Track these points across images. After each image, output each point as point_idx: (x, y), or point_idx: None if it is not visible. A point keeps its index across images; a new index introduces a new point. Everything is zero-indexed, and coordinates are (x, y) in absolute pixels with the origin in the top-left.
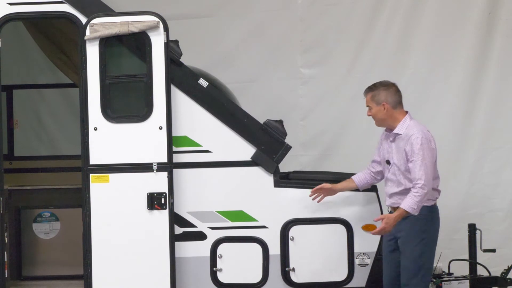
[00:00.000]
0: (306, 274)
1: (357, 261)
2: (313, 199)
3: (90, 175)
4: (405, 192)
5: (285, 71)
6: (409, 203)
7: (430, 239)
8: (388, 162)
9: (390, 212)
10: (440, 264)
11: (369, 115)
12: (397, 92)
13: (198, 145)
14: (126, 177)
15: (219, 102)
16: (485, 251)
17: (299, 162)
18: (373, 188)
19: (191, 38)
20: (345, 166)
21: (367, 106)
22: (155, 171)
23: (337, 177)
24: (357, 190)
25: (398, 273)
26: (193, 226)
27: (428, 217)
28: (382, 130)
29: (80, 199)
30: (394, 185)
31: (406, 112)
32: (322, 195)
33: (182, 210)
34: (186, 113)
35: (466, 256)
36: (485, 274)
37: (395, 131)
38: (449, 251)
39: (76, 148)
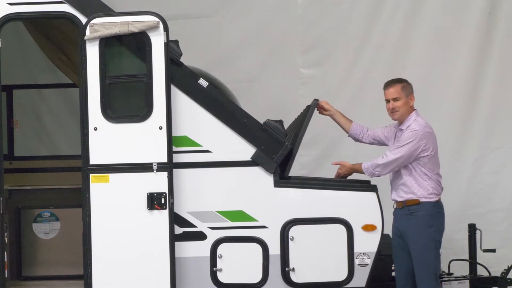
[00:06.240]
0: (306, 274)
1: (357, 261)
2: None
3: (90, 175)
4: (406, 183)
5: (285, 71)
6: (367, 163)
7: (436, 233)
8: None
9: (394, 208)
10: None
11: (393, 107)
12: None
13: (198, 145)
14: (126, 177)
15: (219, 102)
16: (485, 251)
17: (299, 162)
18: (373, 188)
19: (191, 38)
20: None
21: (394, 98)
22: (155, 171)
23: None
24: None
25: (409, 267)
26: (193, 226)
27: (434, 213)
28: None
29: (80, 199)
30: (397, 177)
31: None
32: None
33: (182, 210)
34: (186, 113)
35: (466, 256)
36: (485, 274)
37: (403, 126)
38: (449, 251)
39: (76, 148)
